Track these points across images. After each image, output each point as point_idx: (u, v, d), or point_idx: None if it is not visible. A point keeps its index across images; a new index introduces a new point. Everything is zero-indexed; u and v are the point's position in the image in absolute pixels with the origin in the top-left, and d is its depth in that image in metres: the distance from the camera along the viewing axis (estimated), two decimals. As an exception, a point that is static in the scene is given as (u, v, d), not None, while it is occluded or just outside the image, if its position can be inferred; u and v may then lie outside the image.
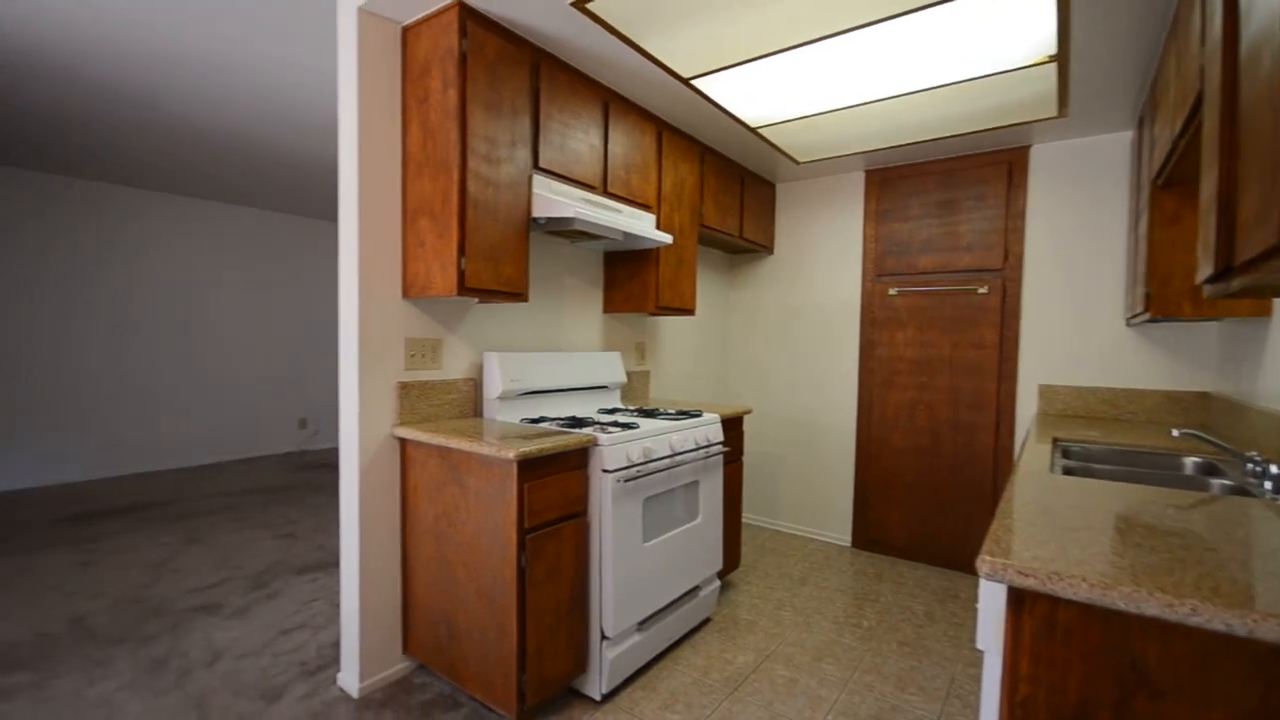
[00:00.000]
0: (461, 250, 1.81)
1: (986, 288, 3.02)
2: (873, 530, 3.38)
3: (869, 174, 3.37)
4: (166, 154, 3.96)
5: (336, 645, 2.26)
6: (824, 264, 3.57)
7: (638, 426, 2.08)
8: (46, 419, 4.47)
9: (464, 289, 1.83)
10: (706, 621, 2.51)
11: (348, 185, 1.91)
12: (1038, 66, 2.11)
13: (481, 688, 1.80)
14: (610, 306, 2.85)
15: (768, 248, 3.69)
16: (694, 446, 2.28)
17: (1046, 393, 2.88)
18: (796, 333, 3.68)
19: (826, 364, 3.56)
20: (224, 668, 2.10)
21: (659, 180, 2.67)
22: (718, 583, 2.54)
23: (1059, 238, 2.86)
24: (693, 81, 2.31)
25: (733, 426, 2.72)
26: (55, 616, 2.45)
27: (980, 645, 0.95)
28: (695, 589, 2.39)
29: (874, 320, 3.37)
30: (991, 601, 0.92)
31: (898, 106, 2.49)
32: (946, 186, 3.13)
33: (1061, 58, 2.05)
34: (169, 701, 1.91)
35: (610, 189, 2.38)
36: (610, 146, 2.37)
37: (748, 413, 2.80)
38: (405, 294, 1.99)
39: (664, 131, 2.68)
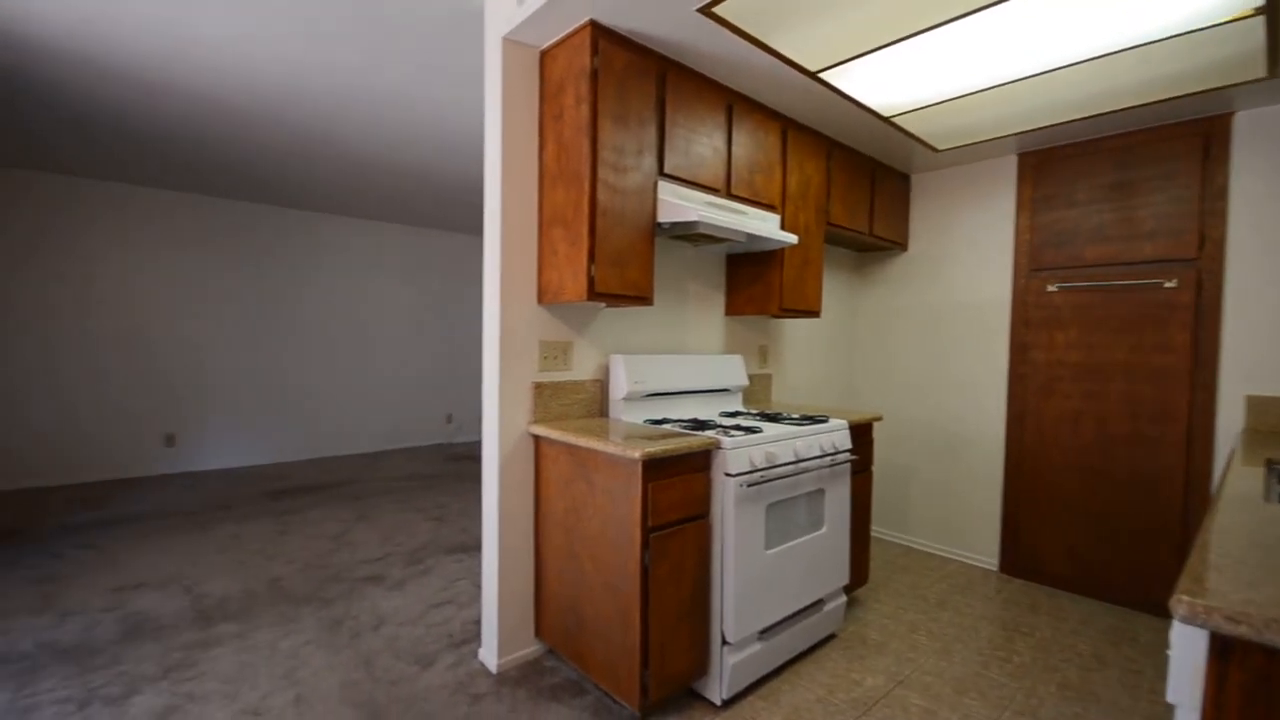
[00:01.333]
0: (591, 257, 1.90)
1: (1175, 281, 2.59)
2: (1025, 555, 3.04)
3: (1023, 158, 3.04)
4: (340, 181, 4.55)
5: (478, 622, 2.46)
6: (966, 259, 3.27)
7: (761, 431, 2.05)
8: (258, 411, 5.33)
9: (593, 294, 1.92)
10: (831, 638, 2.41)
11: (492, 200, 2.08)
12: (1240, 21, 1.78)
13: (606, 677, 1.88)
14: (732, 309, 2.83)
15: (901, 244, 3.46)
16: (819, 453, 2.20)
17: (1257, 406, 2.41)
18: (933, 335, 3.41)
19: (969, 369, 3.26)
20: (387, 633, 2.38)
21: (783, 179, 2.61)
22: (844, 598, 2.42)
23: (1272, 220, 2.38)
24: (820, 75, 2.23)
25: (861, 434, 2.59)
26: (258, 576, 2.91)
27: (1172, 699, 0.82)
28: (819, 602, 2.30)
29: (1027, 320, 3.03)
30: (1188, 649, 0.80)
31: (1059, 80, 2.22)
32: (1122, 166, 2.73)
33: (1272, 9, 1.71)
34: (344, 658, 2.20)
35: (734, 191, 2.37)
36: (734, 148, 2.36)
37: (878, 419, 2.64)
38: (540, 300, 2.13)
39: (789, 129, 2.62)
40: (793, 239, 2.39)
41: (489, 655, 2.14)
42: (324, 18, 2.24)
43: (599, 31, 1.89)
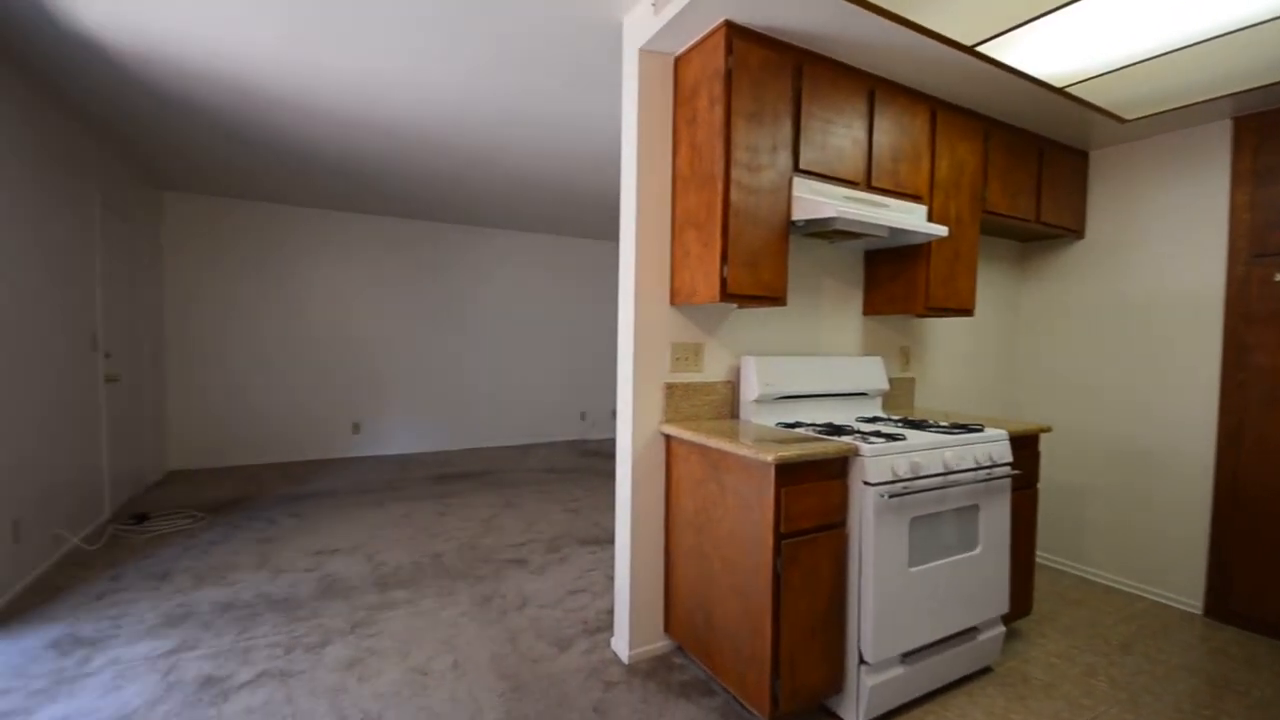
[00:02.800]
0: (724, 258, 1.90)
1: None
2: (1241, 599, 2.52)
3: (1240, 122, 2.53)
4: (494, 197, 4.97)
5: (610, 612, 2.57)
6: (1161, 245, 2.79)
7: (904, 438, 1.92)
8: (425, 404, 6.02)
9: (725, 295, 1.92)
10: (986, 671, 2.18)
11: (627, 206, 2.16)
12: None
13: (734, 681, 1.86)
14: (871, 308, 2.67)
15: (1074, 231, 3.04)
16: (973, 465, 2.01)
17: None
18: (1117, 334, 2.95)
19: (1163, 374, 2.78)
20: (529, 613, 2.56)
21: (931, 166, 2.41)
22: (1002, 628, 2.18)
23: None
24: (978, 48, 2.03)
25: (1024, 446, 2.31)
26: (423, 551, 3.28)
27: None
28: (973, 630, 2.09)
29: (1248, 315, 2.51)
30: None
31: (1300, 25, 1.82)
32: (1395, 123, 2.17)
33: None
34: (493, 632, 2.40)
35: (874, 183, 2.24)
36: (875, 137, 2.23)
37: (1045, 431, 2.35)
38: (672, 302, 2.17)
39: (938, 111, 2.41)
40: (941, 231, 2.20)
41: (621, 645, 2.22)
42: (485, 54, 2.46)
43: (734, 31, 1.88)
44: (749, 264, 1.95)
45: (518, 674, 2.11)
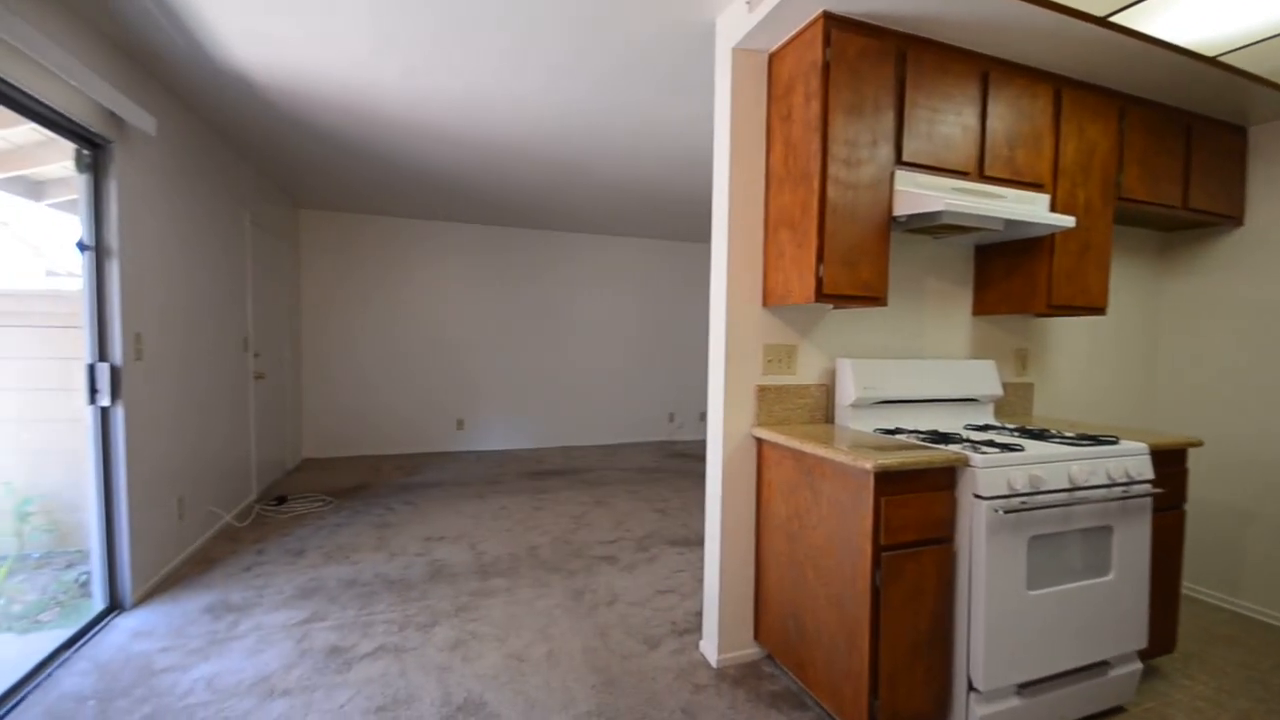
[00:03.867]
0: (820, 257, 1.84)
1: None
2: None
3: None
4: (586, 203, 5.12)
5: (698, 614, 2.56)
6: (1356, 232, 2.37)
7: (1021, 449, 1.76)
8: (522, 403, 6.32)
9: (820, 296, 1.86)
10: (1119, 711, 1.96)
11: (719, 207, 2.15)
12: None
13: (829, 697, 1.80)
14: (982, 308, 2.48)
15: (1231, 217, 2.66)
16: (1106, 482, 1.81)
17: None
18: (1293, 335, 2.54)
19: (1359, 382, 2.35)
20: (619, 610, 2.61)
21: (1055, 151, 2.20)
22: (1139, 665, 1.95)
23: None
24: (1112, 18, 1.83)
25: (1169, 462, 2.05)
26: (520, 543, 3.44)
27: None
28: (1103, 665, 1.88)
29: None
30: None
31: None
32: None
33: None
34: (584, 625, 2.47)
35: (988, 172, 2.08)
36: (989, 122, 2.07)
37: (1194, 445, 2.07)
38: (765, 303, 2.13)
39: (1063, 90, 2.20)
40: (1067, 221, 2.01)
41: (710, 649, 2.21)
42: (580, 66, 2.55)
43: (831, 22, 1.82)
44: (847, 263, 1.87)
45: (608, 668, 2.16)
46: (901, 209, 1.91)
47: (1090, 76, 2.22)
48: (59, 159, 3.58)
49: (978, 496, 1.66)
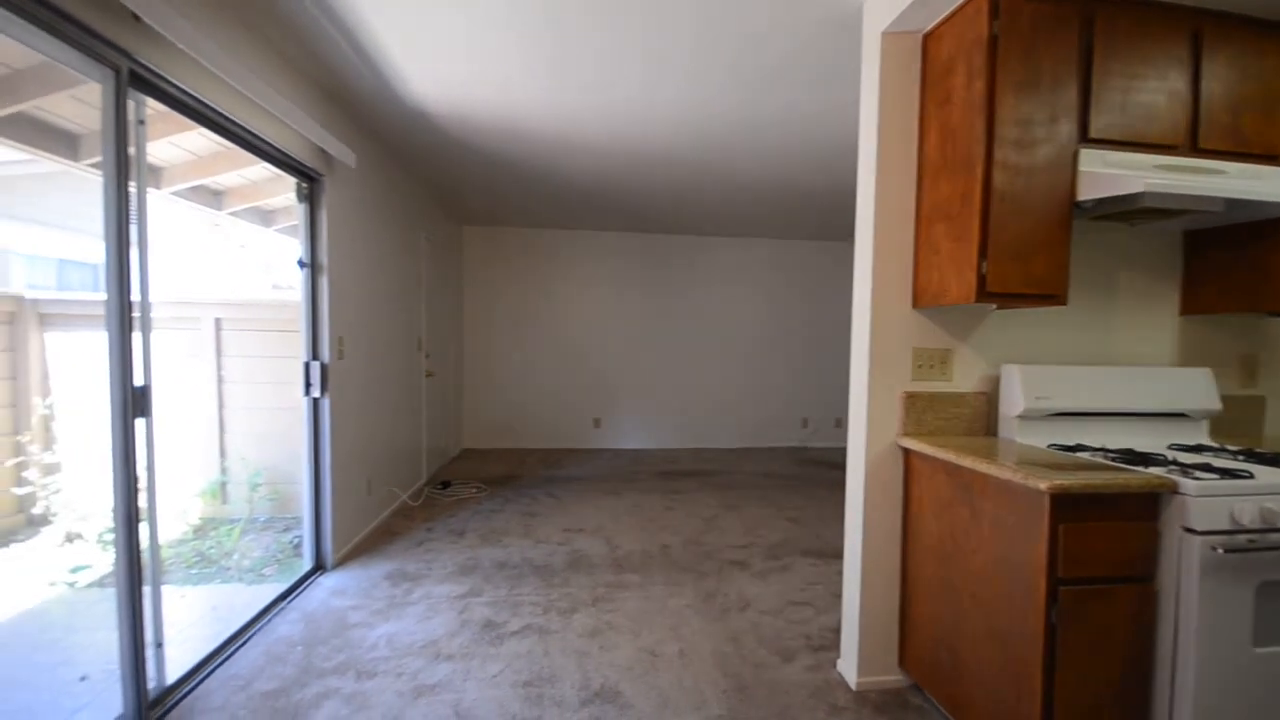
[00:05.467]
0: (982, 252, 1.67)
1: None
2: None
3: None
4: (720, 204, 5.11)
5: (835, 631, 2.44)
6: None
7: (1249, 476, 1.46)
8: (654, 404, 6.48)
9: (983, 294, 1.68)
10: (1405, 815, 1.53)
11: (864, 202, 2.04)
12: None
13: (991, 739, 1.62)
14: (1194, 305, 2.08)
15: None
16: (1382, 524, 1.43)
17: None
18: None
19: None
20: (750, 616, 2.57)
21: (1304, 113, 1.79)
22: None
23: None
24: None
25: None
26: (652, 541, 3.51)
27: None
28: (1377, 752, 1.49)
29: None
30: None
31: None
32: None
33: None
34: (715, 628, 2.47)
35: (1202, 144, 1.75)
36: (1203, 85, 1.74)
37: None
38: (915, 303, 1.98)
39: (1317, 38, 1.78)
40: (1324, 199, 1.62)
41: (848, 670, 2.10)
42: (722, 68, 2.56)
43: (997, -7, 1.64)
44: (1016, 257, 1.68)
45: (740, 675, 2.13)
46: (1087, 193, 1.67)
47: (1360, 14, 1.77)
48: (283, 191, 4.34)
49: (1189, 530, 1.40)
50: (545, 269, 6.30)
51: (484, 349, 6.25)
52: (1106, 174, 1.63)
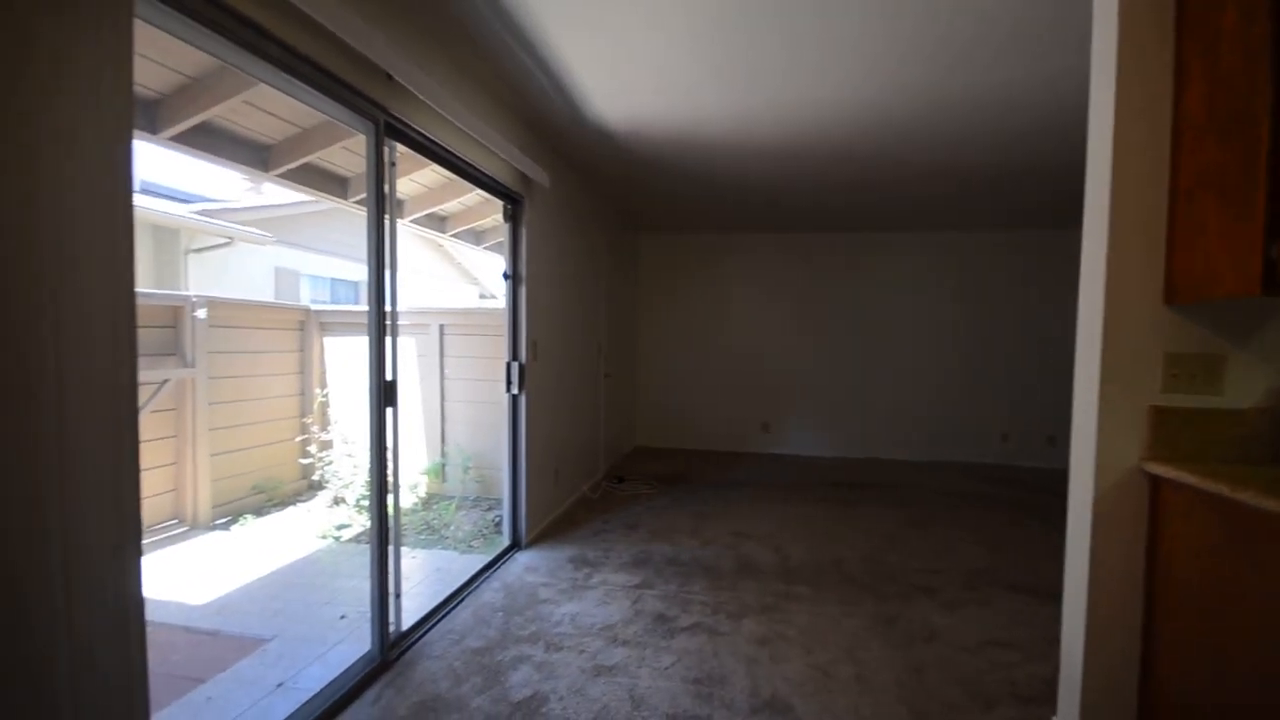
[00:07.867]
0: (1271, 231, 1.31)
1: None
2: None
3: None
4: (898, 196, 4.70)
5: (1047, 682, 2.08)
6: None
7: None
8: (826, 410, 6.19)
9: (1272, 285, 1.32)
10: None
11: (1097, 178, 1.72)
12: None
13: None
14: None
15: None
16: None
17: None
18: None
19: None
20: (938, 650, 2.32)
21: None
22: None
23: None
24: None
25: None
26: (825, 553, 3.34)
27: None
28: None
29: None
30: None
31: None
32: None
33: None
34: (897, 657, 2.27)
35: None
36: None
37: None
38: (1168, 298, 1.62)
39: None
40: None
41: (1069, 729, 1.78)
42: (899, 41, 2.38)
43: (1299, -100, 1.28)
44: (1327, 236, 1.29)
45: (927, 713, 1.93)
46: None
47: None
48: (491, 213, 4.96)
49: None
50: (717, 273, 6.35)
51: (657, 351, 6.49)
52: None
